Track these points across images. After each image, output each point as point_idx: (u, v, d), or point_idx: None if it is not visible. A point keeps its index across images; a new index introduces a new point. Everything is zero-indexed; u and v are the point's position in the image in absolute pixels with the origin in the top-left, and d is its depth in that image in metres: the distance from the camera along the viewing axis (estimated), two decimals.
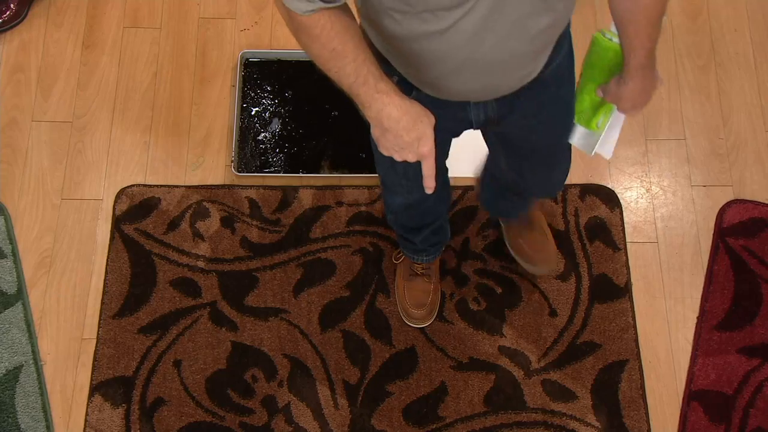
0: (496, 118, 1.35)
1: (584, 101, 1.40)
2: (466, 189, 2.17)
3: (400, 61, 1.21)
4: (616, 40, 1.30)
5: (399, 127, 1.10)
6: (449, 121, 1.34)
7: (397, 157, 1.14)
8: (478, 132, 1.50)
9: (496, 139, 1.54)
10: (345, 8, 1.08)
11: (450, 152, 1.54)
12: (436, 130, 1.14)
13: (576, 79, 1.43)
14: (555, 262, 2.06)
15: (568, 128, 1.47)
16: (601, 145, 1.43)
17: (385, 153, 1.15)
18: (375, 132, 1.14)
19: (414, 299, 2.00)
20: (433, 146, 1.13)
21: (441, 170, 1.56)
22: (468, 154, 2.00)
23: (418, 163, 1.17)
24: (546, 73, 1.27)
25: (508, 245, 2.09)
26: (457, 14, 1.02)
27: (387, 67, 1.23)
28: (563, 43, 1.28)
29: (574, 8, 1.19)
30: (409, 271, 2.01)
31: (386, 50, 1.22)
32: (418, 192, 1.50)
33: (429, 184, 1.16)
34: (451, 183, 2.19)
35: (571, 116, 1.45)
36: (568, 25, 1.29)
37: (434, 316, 2.03)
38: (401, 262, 2.05)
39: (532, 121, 1.38)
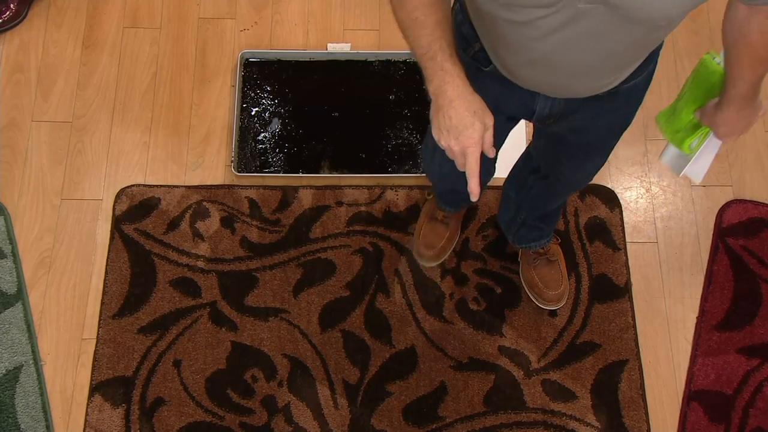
0: (559, 115, 1.36)
1: (681, 120, 1.38)
2: None
3: (484, 34, 1.24)
4: (723, 64, 1.30)
5: (450, 108, 1.11)
6: (513, 104, 1.35)
7: (443, 142, 1.14)
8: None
9: (549, 131, 1.54)
10: None
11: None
12: (495, 125, 1.14)
13: (679, 95, 1.42)
14: (563, 301, 2.03)
15: (619, 134, 1.47)
16: (691, 167, 1.41)
17: (434, 133, 1.15)
18: (432, 108, 1.15)
19: (426, 239, 2.04)
20: (479, 144, 1.12)
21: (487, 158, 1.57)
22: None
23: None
24: (621, 87, 1.28)
25: (520, 273, 2.08)
26: (539, 13, 1.04)
27: (473, 33, 1.26)
28: (647, 66, 1.28)
29: (663, 39, 1.19)
30: (431, 212, 2.05)
31: (475, 19, 1.24)
32: (454, 183, 1.49)
33: (472, 186, 1.13)
34: None
35: (625, 126, 1.45)
36: (656, 50, 1.28)
37: (441, 260, 2.07)
38: (429, 200, 2.08)
39: (588, 123, 1.39)
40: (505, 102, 1.33)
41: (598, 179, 2.20)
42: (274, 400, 1.97)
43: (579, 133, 1.44)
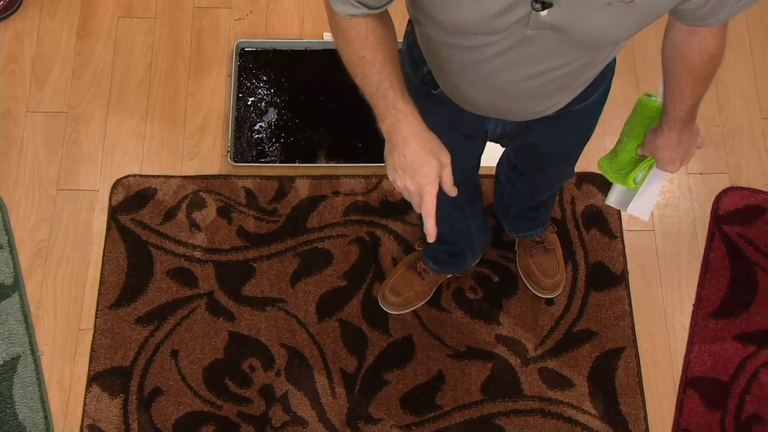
0: (512, 135, 1.37)
1: (624, 159, 1.39)
2: None
3: (430, 58, 1.23)
4: (660, 100, 1.31)
5: (405, 147, 1.08)
6: (466, 125, 1.35)
7: (398, 183, 1.10)
8: None
9: (510, 150, 1.58)
10: (386, 20, 1.09)
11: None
12: (453, 165, 1.11)
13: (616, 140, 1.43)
14: (560, 290, 2.04)
15: (579, 149, 1.48)
16: (636, 202, 1.41)
17: (389, 174, 1.12)
18: (386, 148, 1.12)
19: (396, 285, 2.00)
20: (435, 183, 1.08)
21: (468, 185, 1.58)
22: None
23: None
24: (573, 108, 1.28)
25: (516, 262, 2.08)
26: (486, 40, 1.03)
27: (421, 57, 1.25)
28: (597, 87, 1.28)
29: (609, 60, 1.18)
30: (413, 261, 2.02)
31: (422, 42, 1.23)
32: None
33: (428, 227, 1.09)
34: None
35: (585, 141, 1.46)
36: (607, 71, 1.28)
37: (402, 312, 2.02)
38: (417, 251, 2.05)
39: (544, 143, 1.40)
40: (458, 122, 1.33)
41: (594, 167, 2.19)
42: (272, 389, 1.97)
43: (538, 148, 1.45)
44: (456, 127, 1.35)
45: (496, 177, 1.93)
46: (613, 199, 1.47)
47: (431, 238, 1.09)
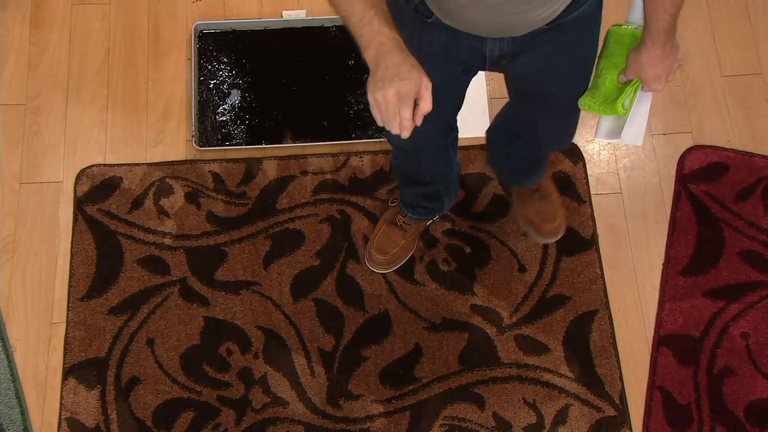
0: (510, 56, 1.36)
1: (607, 89, 1.38)
2: None
3: None
4: (631, 26, 1.32)
5: (389, 60, 1.11)
6: (463, 52, 1.35)
7: (378, 95, 1.12)
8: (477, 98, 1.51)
9: (513, 84, 1.56)
10: None
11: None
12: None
13: (593, 74, 1.42)
14: (561, 232, 2.05)
15: (580, 80, 1.47)
16: (628, 129, 1.40)
17: (370, 93, 1.14)
18: (371, 73, 1.14)
19: (380, 244, 2.02)
20: (415, 88, 1.11)
21: (447, 115, 1.54)
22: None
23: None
24: (566, 19, 1.28)
25: (515, 213, 2.09)
26: None
27: None
28: None
29: None
30: (391, 217, 2.03)
31: None
32: (419, 137, 1.45)
33: (405, 115, 1.12)
34: None
35: (585, 71, 1.45)
36: None
37: (392, 269, 2.04)
38: (392, 207, 2.06)
39: (545, 65, 1.39)
40: (454, 50, 1.33)
41: None
42: (251, 372, 1.97)
43: (540, 80, 1.44)
44: (452, 56, 1.35)
45: (490, 140, 1.93)
46: (603, 132, 1.45)
47: (405, 131, 1.12)
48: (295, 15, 2.31)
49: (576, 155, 2.18)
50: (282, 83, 2.26)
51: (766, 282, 2.05)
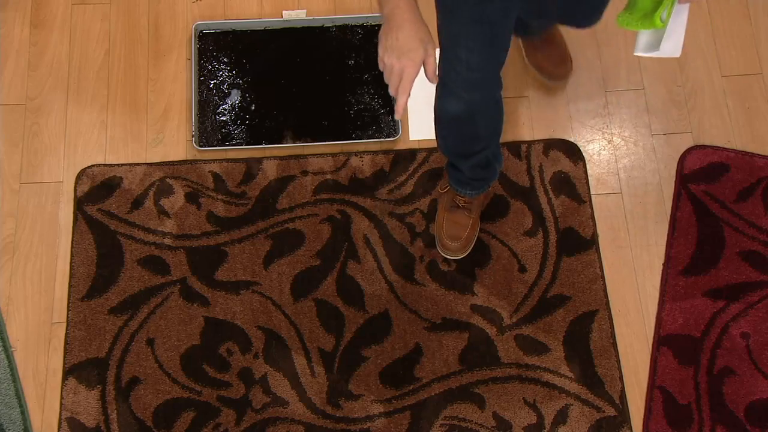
0: None
1: (643, 5, 1.39)
2: (430, 151, 2.17)
3: None
4: None
5: (400, 31, 1.24)
6: None
7: (385, 60, 1.26)
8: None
9: None
10: None
11: (414, 112, 1.58)
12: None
13: None
14: (571, 72, 2.22)
15: None
16: (666, 41, 1.40)
17: (380, 52, 1.27)
18: (382, 30, 1.28)
19: (451, 231, 2.02)
20: (417, 66, 1.25)
21: (501, 48, 1.60)
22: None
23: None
24: None
25: (526, 60, 2.24)
26: None
27: None
28: None
29: None
30: (451, 202, 2.03)
31: None
32: (477, 90, 1.58)
33: (401, 103, 1.27)
34: (418, 146, 2.20)
35: None
36: None
37: (468, 251, 2.05)
38: (445, 192, 2.06)
39: None
40: None
41: (560, 133, 2.21)
42: (251, 372, 1.97)
43: None
44: None
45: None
46: (642, 47, 1.46)
47: (398, 115, 1.29)
48: (295, 15, 2.32)
49: (576, 155, 2.18)
50: (282, 83, 2.26)
51: (766, 282, 2.05)
